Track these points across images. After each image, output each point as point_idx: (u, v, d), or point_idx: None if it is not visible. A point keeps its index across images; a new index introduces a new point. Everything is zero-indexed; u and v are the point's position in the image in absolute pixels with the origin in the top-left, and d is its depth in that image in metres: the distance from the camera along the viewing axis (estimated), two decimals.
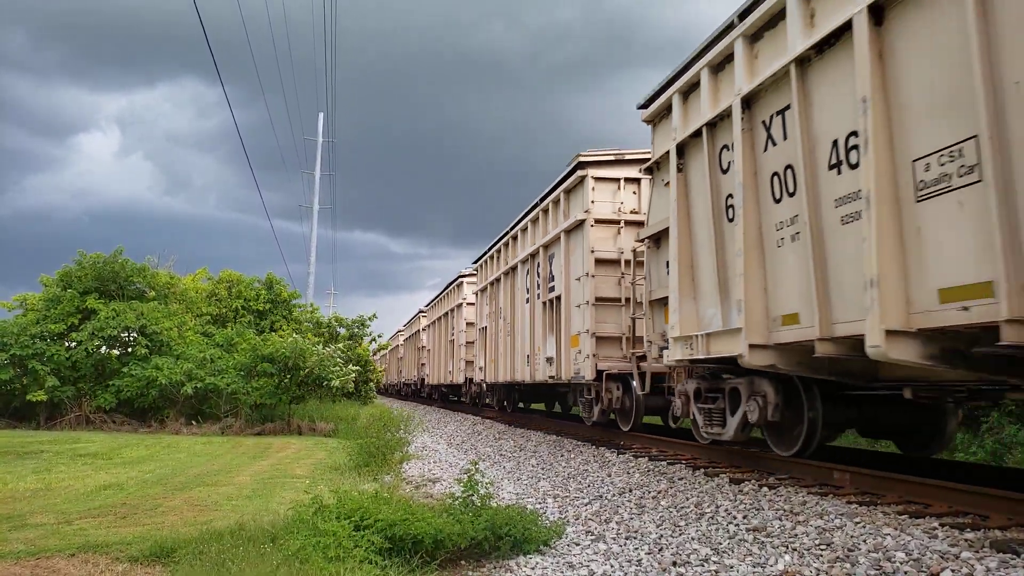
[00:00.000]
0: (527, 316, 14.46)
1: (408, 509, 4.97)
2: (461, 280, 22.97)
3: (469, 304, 21.85)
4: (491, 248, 18.03)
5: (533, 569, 4.66)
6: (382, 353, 42.58)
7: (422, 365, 31.24)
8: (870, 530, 4.69)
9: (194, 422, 16.14)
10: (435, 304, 28.73)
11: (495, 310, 17.49)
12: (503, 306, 16.61)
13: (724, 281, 7.04)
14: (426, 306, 31.45)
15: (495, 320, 17.43)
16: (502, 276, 16.71)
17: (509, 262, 16.06)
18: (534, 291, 14.02)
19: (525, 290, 14.79)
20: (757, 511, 5.61)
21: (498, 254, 17.36)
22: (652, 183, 9.05)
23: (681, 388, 8.57)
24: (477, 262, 20.09)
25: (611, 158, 11.17)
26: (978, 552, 4.05)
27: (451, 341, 24.17)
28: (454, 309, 23.67)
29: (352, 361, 21.56)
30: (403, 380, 38.88)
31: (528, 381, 14.36)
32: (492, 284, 17.82)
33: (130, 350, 16.95)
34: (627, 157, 11.02)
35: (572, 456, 9.92)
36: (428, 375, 29.56)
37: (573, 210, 11.81)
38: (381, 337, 42.66)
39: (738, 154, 6.66)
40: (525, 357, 14.48)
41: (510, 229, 15.98)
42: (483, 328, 18.76)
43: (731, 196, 6.88)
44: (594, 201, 11.15)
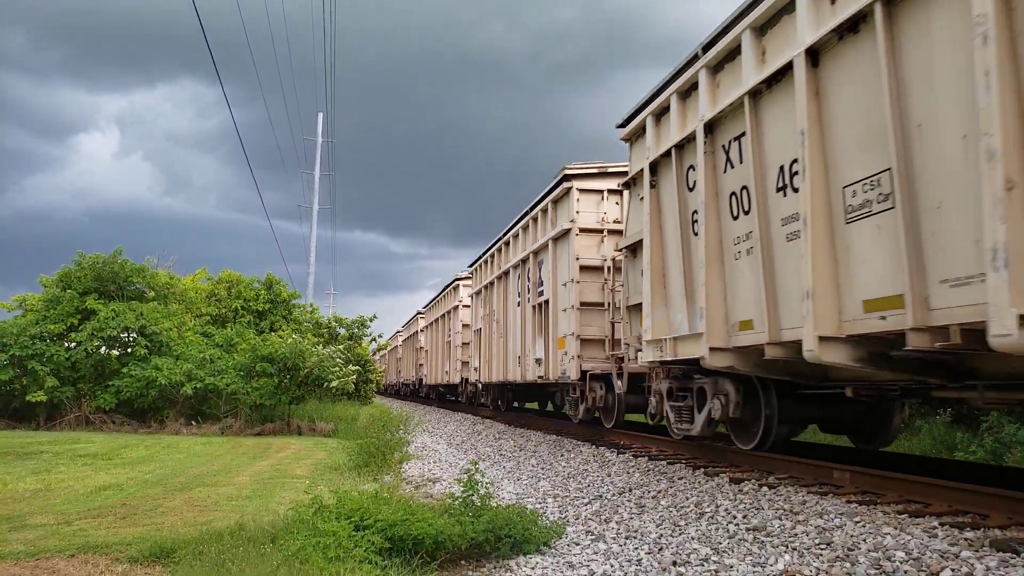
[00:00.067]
0: (518, 319, 15.14)
1: (408, 509, 4.99)
2: (457, 283, 23.65)
3: (465, 306, 22.51)
4: (485, 253, 18.70)
5: (533, 569, 4.68)
6: (381, 353, 43.22)
7: (420, 366, 31.90)
8: (870, 529, 4.69)
9: (194, 422, 16.12)
10: (432, 306, 29.39)
11: (489, 312, 18.14)
12: (496, 309, 17.28)
13: (690, 289, 7.71)
14: (424, 308, 32.08)
15: (489, 322, 18.08)
16: (495, 280, 17.38)
17: (502, 267, 16.72)
18: (525, 295, 14.69)
19: (516, 294, 15.45)
20: (757, 510, 5.61)
21: (492, 259, 18.03)
22: (630, 197, 9.73)
23: (656, 387, 9.25)
24: (472, 266, 20.75)
25: (595, 171, 11.86)
26: (978, 551, 4.05)
27: (448, 342, 24.84)
28: (450, 311, 24.34)
29: (352, 361, 21.57)
30: (402, 380, 39.54)
31: (519, 381, 15.04)
32: (486, 287, 18.49)
33: (130, 350, 16.85)
34: (610, 170, 11.70)
35: (572, 456, 9.97)
36: (426, 375, 30.23)
37: (560, 219, 12.50)
38: (381, 337, 43.38)
39: (701, 174, 7.33)
40: (517, 358, 15.15)
41: (503, 235, 16.64)
42: (478, 330, 19.43)
43: (696, 212, 7.55)
44: (579, 211, 11.84)
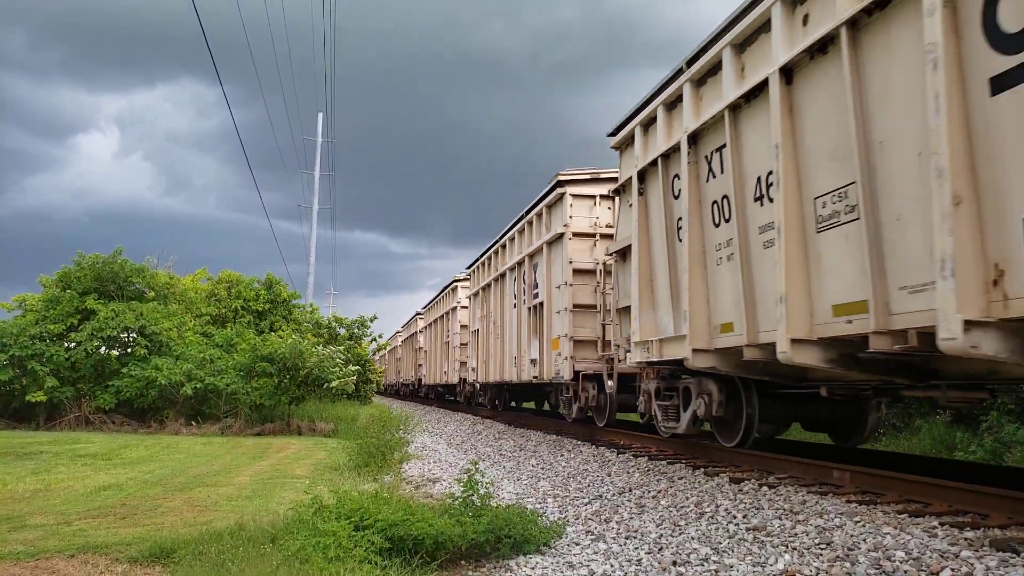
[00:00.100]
0: (514, 320, 15.47)
1: (408, 509, 4.99)
2: (456, 284, 24.00)
3: (463, 307, 22.86)
4: (483, 255, 19.04)
5: (533, 569, 4.68)
6: (381, 354, 43.55)
7: (419, 366, 32.24)
8: (870, 529, 4.69)
9: (194, 422, 16.08)
10: (431, 307, 29.74)
11: (486, 314, 18.48)
12: (493, 310, 17.62)
13: (676, 293, 8.05)
14: (423, 308, 32.42)
15: (486, 323, 18.42)
16: (492, 282, 17.72)
17: (499, 269, 17.06)
18: (520, 297, 15.03)
19: (512, 296, 15.79)
20: (757, 510, 5.61)
21: (489, 261, 18.37)
22: (619, 203, 10.06)
23: (645, 387, 9.59)
24: (470, 268, 21.10)
25: (588, 177, 12.20)
26: (978, 551, 4.05)
27: (446, 343, 25.18)
28: (449, 312, 24.69)
29: (352, 361, 21.58)
30: (401, 380, 39.88)
31: (515, 381, 15.37)
32: (484, 289, 18.83)
33: (129, 351, 16.76)
34: (602, 176, 12.04)
35: (572, 456, 9.96)
36: (425, 375, 30.56)
37: (554, 224, 12.84)
38: (381, 337, 43.70)
39: (685, 183, 7.67)
40: (513, 359, 15.49)
41: (500, 238, 16.98)
42: (475, 331, 19.77)
43: (681, 219, 7.88)
44: (572, 216, 12.17)
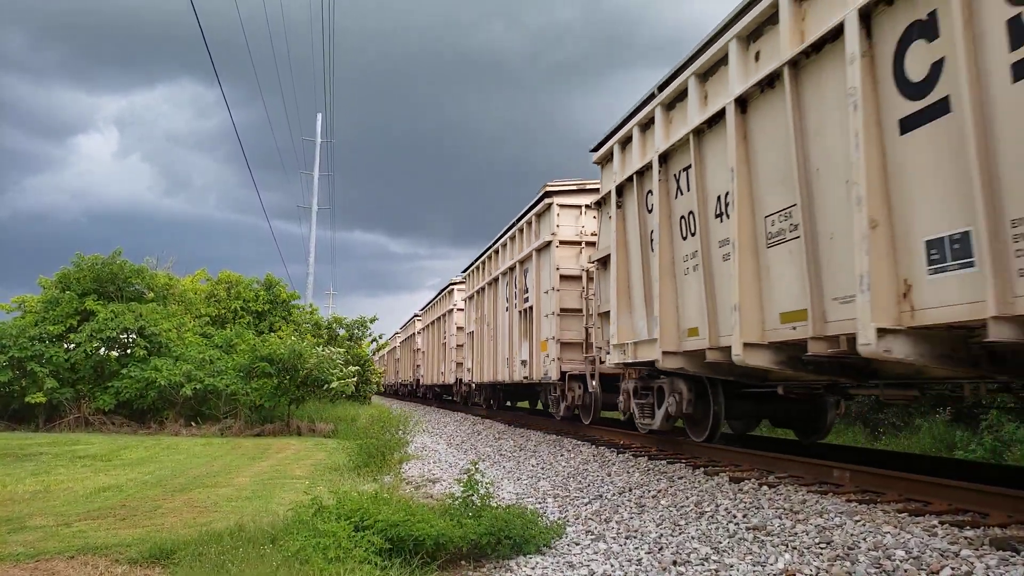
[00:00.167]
0: (506, 323, 16.14)
1: (408, 510, 5.01)
2: (452, 287, 24.68)
3: (459, 310, 23.53)
4: (477, 259, 19.71)
5: (533, 569, 4.67)
6: (380, 355, 44.20)
7: (417, 367, 32.91)
8: (870, 528, 4.68)
9: (193, 423, 16.12)
10: (429, 309, 30.40)
11: (480, 316, 19.14)
12: (487, 313, 18.28)
13: (649, 299, 8.71)
14: (421, 310, 33.09)
15: (481, 325, 19.08)
16: (486, 286, 18.38)
17: (492, 273, 17.73)
18: (512, 301, 15.69)
19: (505, 299, 16.45)
20: (757, 510, 5.61)
21: (483, 265, 19.03)
22: (601, 214, 10.72)
23: (625, 387, 10.26)
24: (466, 271, 21.77)
25: (574, 188, 12.86)
26: (978, 550, 4.04)
27: (443, 344, 25.85)
28: (445, 314, 25.36)
29: (352, 362, 21.88)
30: (400, 381, 40.55)
31: (507, 381, 16.04)
32: (478, 292, 19.49)
33: (129, 351, 16.76)
34: (588, 187, 12.68)
35: (572, 455, 9.96)
36: (423, 376, 31.23)
37: (542, 232, 13.50)
38: (382, 337, 44.32)
39: (656, 199, 8.33)
40: (505, 360, 16.15)
41: (493, 243, 17.65)
42: (471, 332, 20.43)
43: (653, 232, 8.54)
44: (559, 225, 12.84)
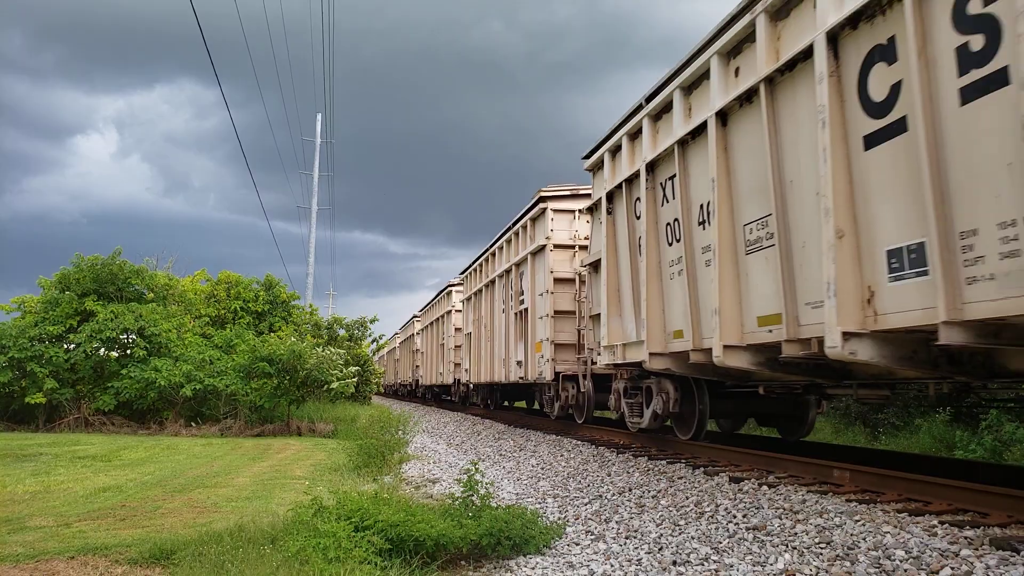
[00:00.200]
0: (503, 324, 16.47)
1: (408, 510, 5.01)
2: (450, 289, 25.01)
3: (457, 311, 23.87)
4: (475, 262, 20.04)
5: (533, 569, 4.67)
6: (380, 355, 44.55)
7: (416, 367, 33.24)
8: (870, 528, 4.69)
9: (193, 424, 16.14)
10: (428, 309, 30.74)
11: (478, 318, 19.47)
12: (484, 315, 18.61)
13: (637, 303, 9.04)
14: (420, 311, 33.42)
15: (478, 327, 19.41)
16: (483, 288, 18.72)
17: (489, 276, 18.06)
18: (508, 303, 16.02)
19: (501, 301, 16.78)
20: (757, 510, 5.61)
21: (480, 268, 19.36)
22: (593, 220, 11.05)
23: (615, 387, 10.60)
24: (464, 273, 22.10)
25: (567, 193, 13.19)
26: (977, 550, 4.05)
27: (441, 345, 26.18)
28: (444, 316, 25.69)
29: (352, 362, 21.98)
30: (399, 381, 40.88)
31: (504, 381, 16.37)
32: (476, 294, 19.82)
33: (129, 352, 16.77)
34: (581, 192, 13.01)
35: (572, 455, 9.98)
36: (422, 376, 31.56)
37: (537, 236, 13.84)
38: (382, 338, 44.65)
39: (644, 206, 8.66)
40: (501, 360, 16.48)
41: (490, 246, 17.98)
42: (468, 334, 20.75)
43: (641, 237, 8.87)
44: (553, 229, 13.17)
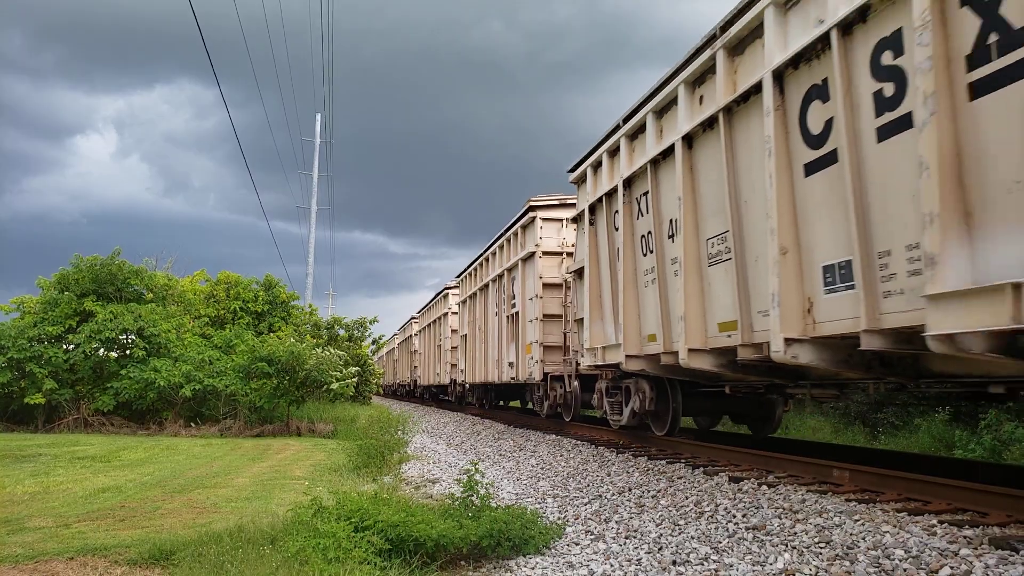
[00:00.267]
0: (496, 327, 17.15)
1: (408, 510, 5.01)
2: (447, 292, 25.70)
3: (453, 313, 24.53)
4: (470, 266, 20.72)
5: (533, 569, 4.66)
6: (379, 355, 45.24)
7: (415, 368, 33.93)
8: (869, 528, 4.68)
9: (193, 424, 16.15)
10: (425, 311, 31.42)
11: (473, 320, 20.15)
12: (478, 317, 19.29)
13: (616, 308, 9.71)
14: (418, 312, 34.11)
15: (473, 329, 20.09)
16: (478, 291, 19.40)
17: (483, 280, 18.74)
18: (501, 306, 16.70)
19: (495, 305, 17.47)
20: (756, 509, 5.61)
21: (475, 272, 20.05)
22: (577, 229, 11.73)
23: (598, 386, 11.28)
24: (459, 277, 22.79)
25: (556, 202, 13.88)
26: (977, 549, 4.05)
27: (438, 346, 26.87)
28: (440, 317, 26.38)
29: (352, 362, 22.19)
30: (398, 381, 41.56)
31: (497, 382, 17.06)
32: (471, 297, 20.50)
33: (128, 352, 16.74)
34: (568, 201, 13.69)
35: (571, 456, 10.00)
36: (420, 376, 32.25)
37: (527, 243, 14.52)
38: (381, 339, 45.35)
39: (621, 219, 9.34)
40: (495, 362, 17.16)
41: (484, 252, 18.67)
42: (464, 335, 21.43)
43: (619, 248, 9.55)
44: (542, 237, 13.86)
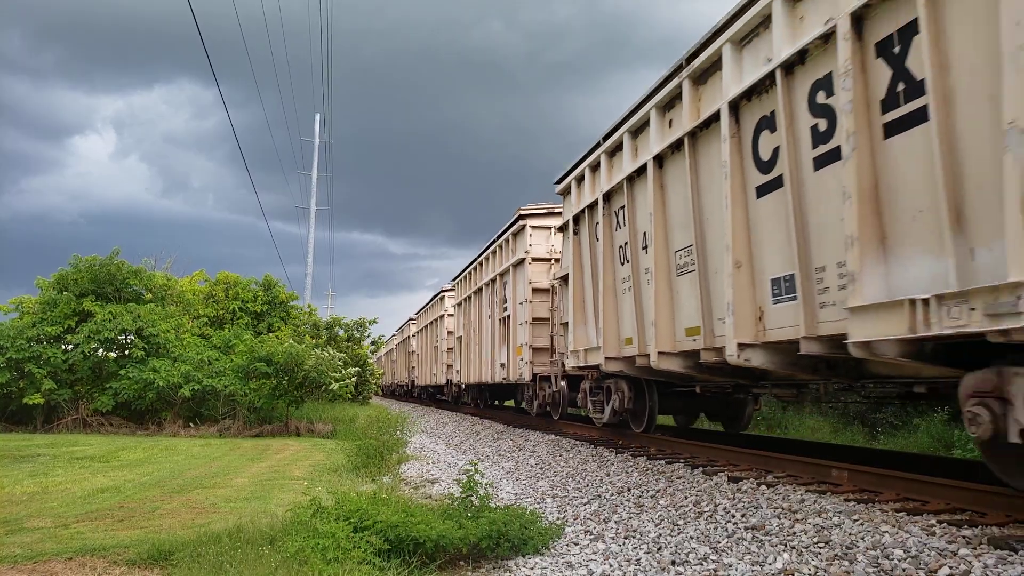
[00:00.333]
0: (489, 329, 17.84)
1: (407, 511, 5.01)
2: (443, 294, 26.39)
3: (449, 315, 25.21)
4: (465, 270, 21.42)
5: (532, 569, 4.66)
6: (378, 355, 45.91)
7: (412, 368, 34.62)
8: (868, 528, 4.68)
9: (192, 424, 16.16)
10: (423, 313, 32.12)
11: (468, 322, 20.84)
12: (473, 319, 19.98)
13: (597, 313, 10.41)
14: (416, 314, 34.80)
15: (468, 331, 20.78)
16: (472, 295, 20.09)
17: (477, 284, 19.43)
18: (494, 309, 17.39)
19: (488, 308, 18.16)
20: (755, 509, 5.62)
21: (470, 276, 20.75)
22: (563, 238, 12.42)
23: (583, 386, 11.98)
24: (455, 280, 23.48)
25: (545, 211, 14.57)
26: (976, 549, 4.06)
27: (435, 347, 27.56)
28: (437, 319, 27.07)
29: (351, 363, 22.47)
30: (396, 381, 42.25)
31: (490, 382, 17.74)
32: (466, 300, 21.19)
33: (127, 352, 16.71)
34: (556, 210, 14.34)
35: (571, 456, 10.02)
36: (417, 377, 32.95)
37: (518, 250, 15.21)
38: (381, 339, 46.02)
39: (602, 230, 10.04)
40: (488, 363, 17.85)
41: (478, 256, 19.36)
42: (459, 337, 22.12)
43: (599, 257, 10.24)
44: (532, 244, 14.55)
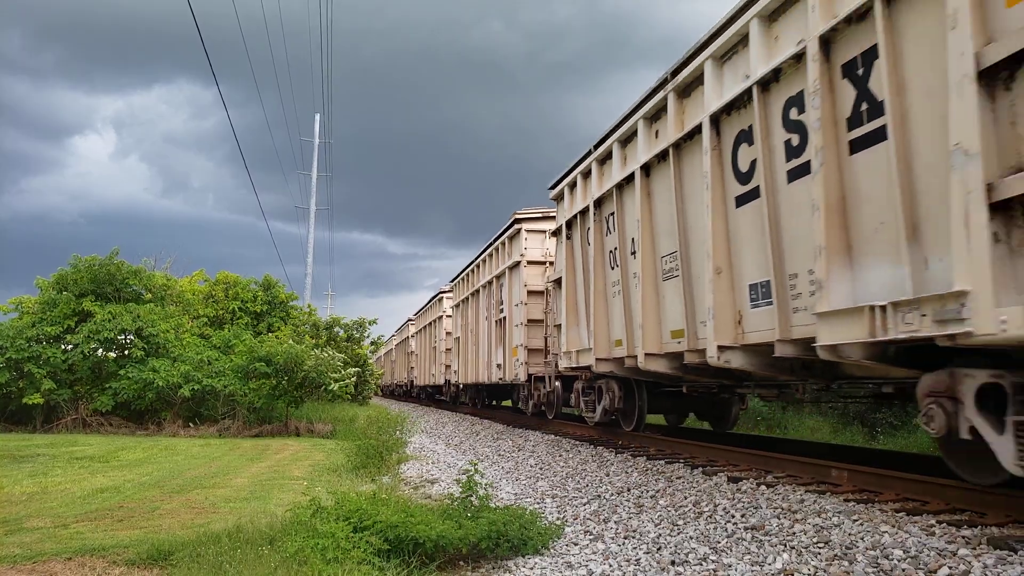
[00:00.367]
0: (486, 330, 18.17)
1: (407, 511, 5.02)
2: (441, 295, 26.74)
3: (448, 316, 25.56)
4: (463, 272, 21.76)
5: (532, 569, 4.66)
6: (377, 355, 46.24)
7: (411, 368, 34.96)
8: (868, 528, 4.69)
9: (192, 424, 16.20)
10: (422, 314, 32.46)
11: (465, 323, 21.18)
12: (470, 321, 20.32)
13: (588, 316, 10.75)
14: (415, 314, 35.14)
15: (465, 332, 21.12)
16: (470, 296, 20.43)
17: (474, 286, 19.78)
18: (490, 311, 17.73)
19: (485, 309, 18.49)
20: (755, 509, 5.62)
21: (467, 278, 21.09)
22: (557, 242, 12.76)
23: (576, 386, 12.32)
24: (453, 281, 23.82)
25: (539, 215, 14.90)
26: (975, 549, 4.07)
27: (434, 348, 27.90)
28: (435, 320, 27.41)
29: (351, 363, 22.62)
30: (395, 382, 42.59)
31: (487, 382, 18.08)
32: (463, 301, 21.53)
33: (127, 352, 16.73)
34: (551, 214, 14.67)
35: (570, 456, 10.04)
36: (416, 377, 33.29)
37: (513, 253, 15.55)
38: (380, 339, 46.30)
39: (593, 236, 10.38)
40: (485, 363, 18.19)
41: (475, 259, 19.70)
42: (457, 338, 22.46)
43: (591, 261, 10.58)
44: (527, 247, 14.89)
